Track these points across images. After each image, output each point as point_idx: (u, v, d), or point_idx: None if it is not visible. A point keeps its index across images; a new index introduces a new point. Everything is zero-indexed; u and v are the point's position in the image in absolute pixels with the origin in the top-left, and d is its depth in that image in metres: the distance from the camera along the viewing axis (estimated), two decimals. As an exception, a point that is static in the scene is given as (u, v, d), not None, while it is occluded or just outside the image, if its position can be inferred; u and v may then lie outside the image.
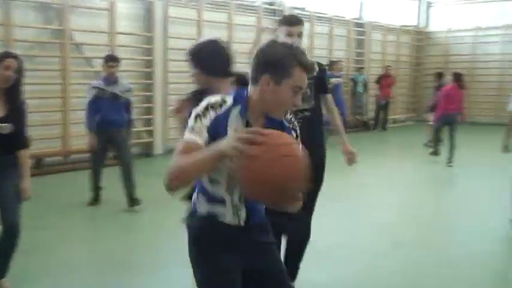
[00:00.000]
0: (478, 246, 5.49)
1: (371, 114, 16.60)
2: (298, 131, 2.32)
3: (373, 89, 16.37)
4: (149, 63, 10.86)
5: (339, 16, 15.75)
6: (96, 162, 6.86)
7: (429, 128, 11.42)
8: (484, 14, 17.67)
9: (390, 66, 16.39)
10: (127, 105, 6.76)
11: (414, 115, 18.76)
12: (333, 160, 4.09)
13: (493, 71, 17.39)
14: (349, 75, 16.02)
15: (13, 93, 3.83)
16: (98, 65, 8.14)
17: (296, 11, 13.93)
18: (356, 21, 16.44)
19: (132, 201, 6.60)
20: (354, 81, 16.01)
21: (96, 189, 6.87)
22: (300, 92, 2.15)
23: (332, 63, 13.35)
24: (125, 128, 6.79)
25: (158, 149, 10.95)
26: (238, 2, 12.55)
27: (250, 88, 2.18)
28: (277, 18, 13.62)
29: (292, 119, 2.32)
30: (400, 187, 8.63)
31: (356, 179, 8.63)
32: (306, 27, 14.19)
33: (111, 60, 6.69)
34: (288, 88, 2.10)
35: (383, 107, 16.18)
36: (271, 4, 13.69)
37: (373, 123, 16.35)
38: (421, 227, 6.27)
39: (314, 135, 3.76)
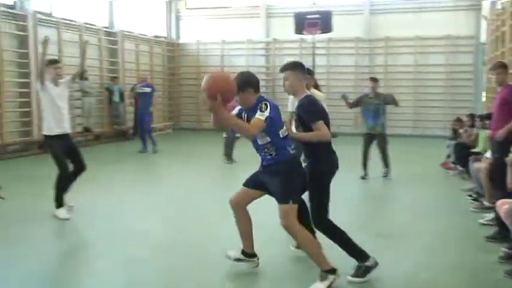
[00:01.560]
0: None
1: (129, 123, 16.40)
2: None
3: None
4: None
5: (88, 24, 15.21)
6: None
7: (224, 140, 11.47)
8: (229, 28, 18.99)
9: (146, 75, 16.35)
10: None
11: (172, 123, 19.18)
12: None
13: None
14: (103, 84, 15.62)
15: None
16: None
17: (40, 16, 13.06)
18: (107, 29, 16.08)
19: None
20: (110, 91, 15.66)
21: None
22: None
23: None
24: None
25: None
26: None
27: None
28: (19, 22, 12.60)
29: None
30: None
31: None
32: (54, 33, 13.54)
33: None
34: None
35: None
36: (11, 8, 12.56)
37: (132, 132, 16.18)
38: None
39: None
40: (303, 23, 16.49)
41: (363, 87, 18.03)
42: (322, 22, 16.30)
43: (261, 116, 4.20)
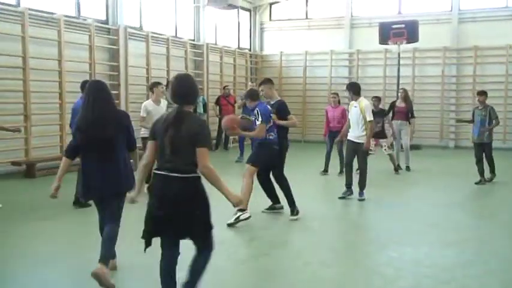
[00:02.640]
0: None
1: (213, 134, 16.80)
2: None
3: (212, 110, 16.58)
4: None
5: (175, 37, 15.79)
6: None
7: None
8: (312, 39, 19.02)
9: (228, 85, 16.70)
10: None
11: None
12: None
13: (324, 92, 18.49)
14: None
15: None
16: None
17: (131, 30, 13.72)
18: (192, 42, 16.60)
19: None
20: (194, 102, 16.08)
21: None
22: None
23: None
24: None
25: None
26: (69, 18, 11.99)
27: None
28: (111, 37, 13.30)
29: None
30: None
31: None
32: (142, 46, 14.19)
33: None
34: None
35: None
36: (104, 23, 13.29)
37: (215, 142, 16.53)
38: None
39: None
40: (388, 33, 16.23)
41: (449, 98, 17.52)
42: (408, 32, 15.97)
43: (260, 122, 7.03)
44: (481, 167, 10.24)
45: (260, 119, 6.99)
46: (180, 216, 3.83)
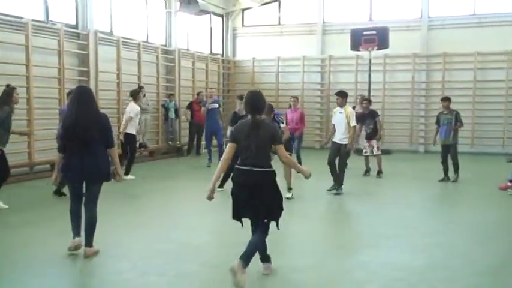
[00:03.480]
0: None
1: (184, 139, 16.69)
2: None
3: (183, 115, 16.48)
4: None
5: (147, 42, 15.66)
6: None
7: None
8: (285, 45, 19.10)
9: (202, 91, 16.62)
10: None
11: (226, 139, 19.27)
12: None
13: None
14: (159, 101, 15.97)
15: None
16: None
17: (102, 35, 13.56)
18: (164, 48, 16.49)
19: None
20: (165, 108, 15.99)
21: None
22: None
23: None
24: None
25: None
26: (37, 23, 11.78)
27: None
28: (81, 42, 13.11)
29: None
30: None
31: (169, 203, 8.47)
32: (113, 51, 14.04)
33: None
34: None
35: (198, 132, 16.14)
36: (74, 27, 13.10)
37: (187, 148, 16.42)
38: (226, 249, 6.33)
39: None
40: (359, 39, 16.40)
41: (419, 104, 17.77)
42: (379, 38, 16.17)
43: (284, 125, 8.78)
44: (445, 166, 11.19)
45: (283, 122, 8.80)
46: (261, 200, 4.87)
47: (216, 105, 13.91)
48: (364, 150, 12.03)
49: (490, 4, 17.01)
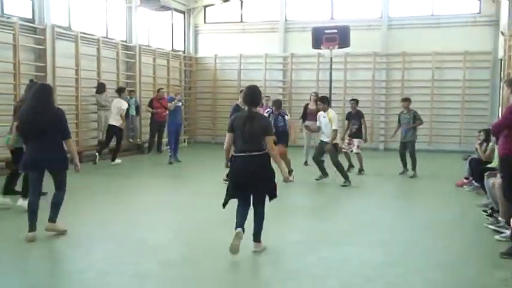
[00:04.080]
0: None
1: (144, 136, 16.48)
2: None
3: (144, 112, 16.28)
4: None
5: (106, 38, 15.38)
6: None
7: None
8: (247, 43, 19.08)
9: (162, 88, 16.43)
10: None
11: (188, 137, 19.16)
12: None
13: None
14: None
15: None
16: None
17: (59, 30, 13.24)
18: (125, 43, 16.23)
19: None
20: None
21: None
22: None
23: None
24: None
25: None
26: (-9, 16, 11.44)
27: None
28: (37, 36, 12.77)
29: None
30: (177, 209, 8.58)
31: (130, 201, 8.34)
32: (71, 47, 13.73)
33: None
34: None
35: (159, 129, 15.97)
36: (30, 21, 12.75)
37: (148, 145, 16.21)
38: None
39: None
40: (320, 37, 16.47)
41: (379, 102, 18.02)
42: (340, 37, 16.27)
43: (288, 117, 10.25)
44: (403, 160, 11.87)
45: (287, 115, 10.70)
46: (257, 180, 5.57)
47: (180, 104, 13.88)
48: (343, 148, 12.05)
49: (448, 5, 17.40)
